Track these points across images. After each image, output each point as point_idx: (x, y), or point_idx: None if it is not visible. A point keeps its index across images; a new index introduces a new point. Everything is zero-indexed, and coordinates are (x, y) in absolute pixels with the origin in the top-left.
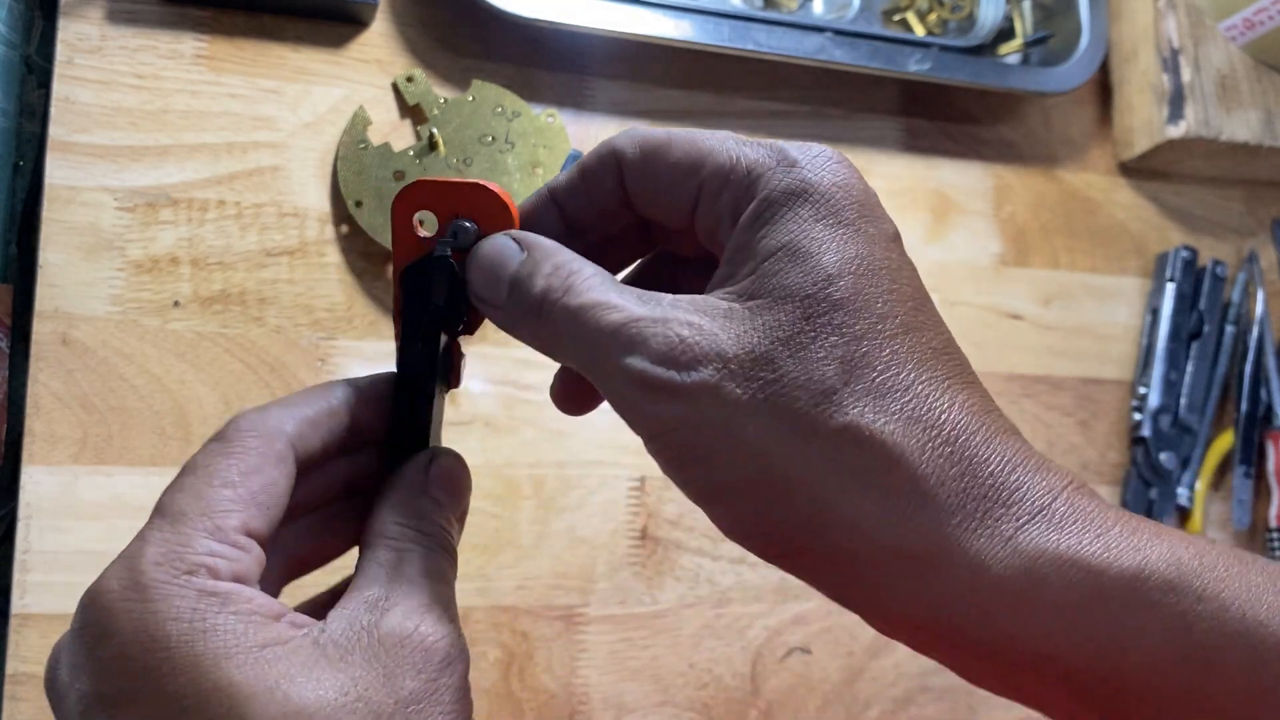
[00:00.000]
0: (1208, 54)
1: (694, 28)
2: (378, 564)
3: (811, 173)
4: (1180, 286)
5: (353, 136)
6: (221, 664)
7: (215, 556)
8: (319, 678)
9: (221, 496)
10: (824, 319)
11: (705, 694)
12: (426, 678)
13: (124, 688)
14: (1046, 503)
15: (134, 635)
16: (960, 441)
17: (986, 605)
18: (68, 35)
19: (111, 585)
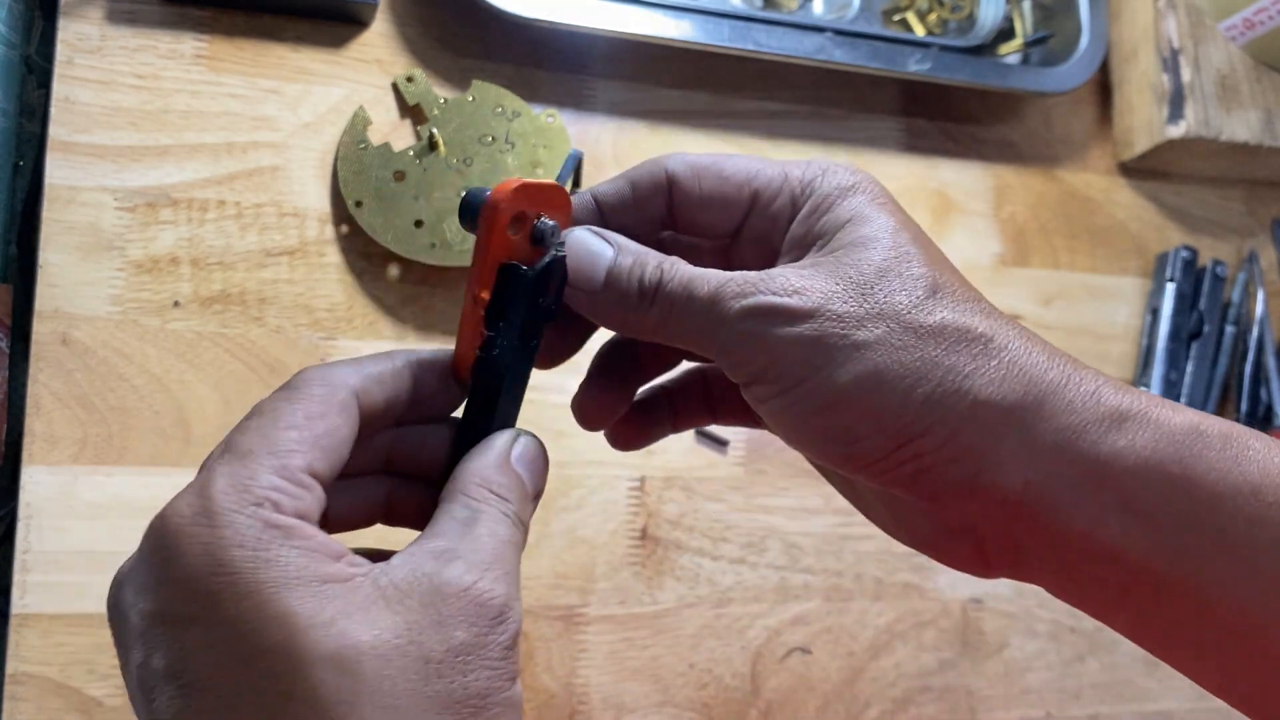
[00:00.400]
0: (1208, 54)
1: (694, 28)
2: (452, 518)
3: (851, 176)
4: (1180, 286)
5: (353, 136)
6: (282, 594)
7: (279, 492)
8: (374, 617)
9: (287, 437)
10: (904, 250)
11: (705, 694)
12: (477, 631)
13: (187, 609)
14: (1111, 381)
15: (201, 559)
16: (1030, 338)
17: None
18: (68, 35)
19: (182, 511)
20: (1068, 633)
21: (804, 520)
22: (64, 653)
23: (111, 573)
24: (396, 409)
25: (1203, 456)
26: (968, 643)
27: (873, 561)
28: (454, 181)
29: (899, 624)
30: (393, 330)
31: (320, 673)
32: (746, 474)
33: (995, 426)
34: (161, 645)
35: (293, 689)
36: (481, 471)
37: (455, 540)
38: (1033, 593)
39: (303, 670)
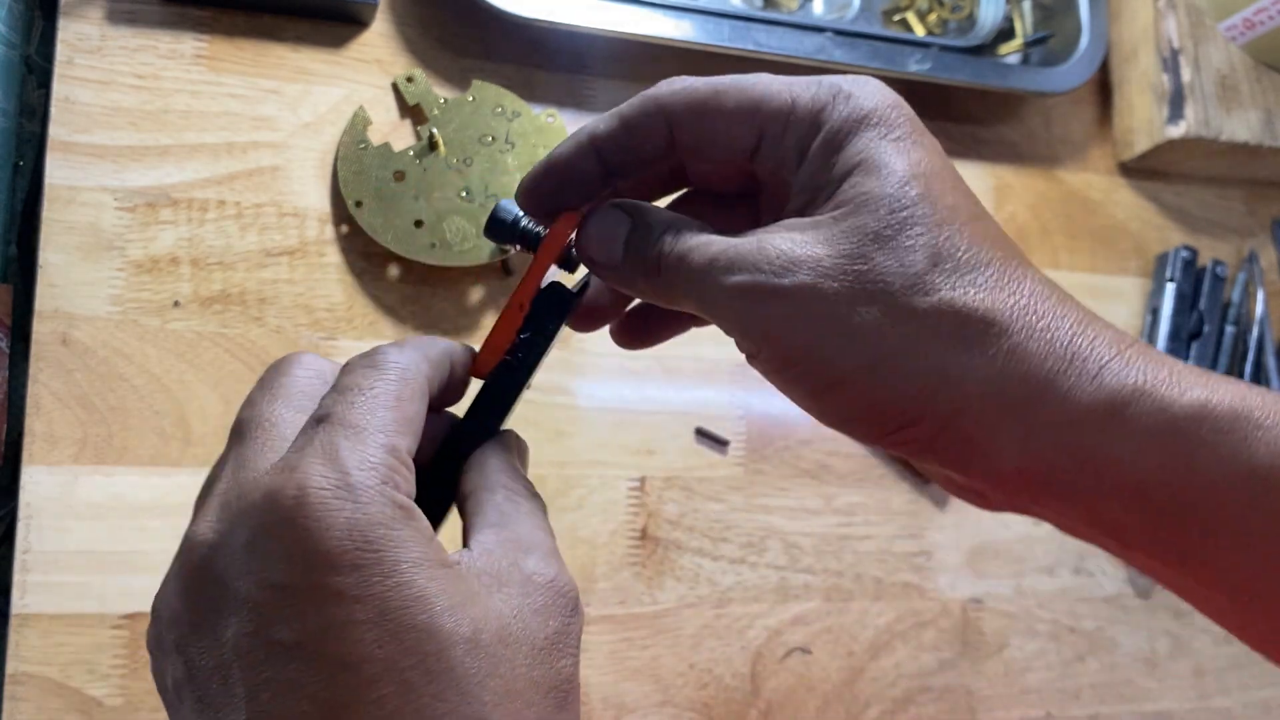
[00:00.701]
0: (1208, 54)
1: (694, 28)
2: (500, 510)
3: (868, 100)
4: (1180, 286)
5: (353, 136)
6: (419, 575)
7: (395, 472)
8: (489, 603)
9: (389, 418)
10: (905, 213)
11: (705, 694)
12: (563, 620)
13: (331, 583)
14: (1122, 348)
15: (346, 533)
16: (1039, 304)
17: (1076, 438)
18: (68, 35)
19: (319, 482)
20: (1067, 633)
21: (804, 520)
22: (64, 653)
23: (111, 573)
24: (434, 399)
25: (1207, 441)
26: (968, 643)
27: (873, 561)
28: (454, 181)
29: (899, 624)
30: (393, 330)
31: (459, 653)
32: (746, 474)
33: (989, 419)
34: (291, 617)
35: (435, 668)
36: (511, 467)
37: (518, 530)
38: (1033, 592)
39: (445, 650)
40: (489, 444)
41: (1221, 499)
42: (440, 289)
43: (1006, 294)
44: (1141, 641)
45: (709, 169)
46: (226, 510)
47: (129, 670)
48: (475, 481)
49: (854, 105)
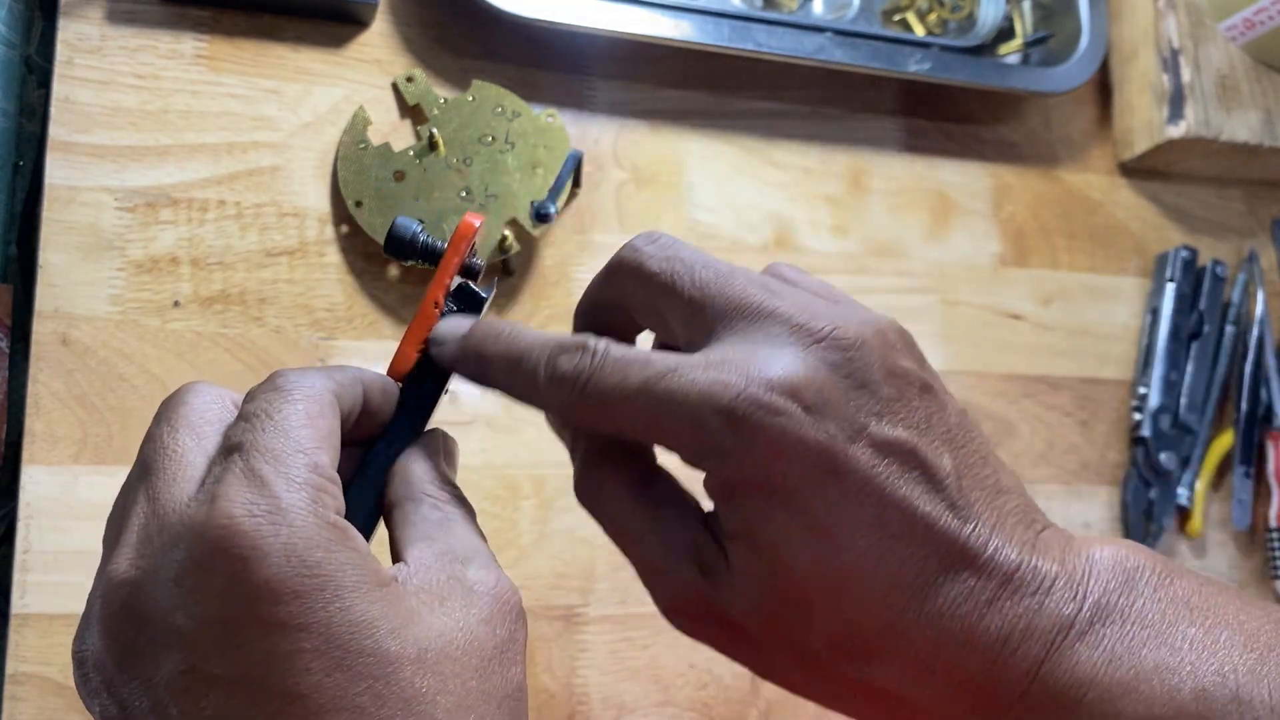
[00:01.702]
0: (1208, 54)
1: (694, 28)
2: (427, 520)
3: (741, 458)
4: (1180, 286)
5: (353, 136)
6: (360, 597)
7: (322, 492)
8: (433, 620)
9: (306, 435)
10: (797, 600)
11: (705, 694)
12: (510, 627)
13: (270, 613)
14: (1026, 686)
15: (284, 561)
16: (943, 657)
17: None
18: (68, 35)
19: (250, 510)
20: None
21: None
22: (64, 653)
23: None
24: (349, 422)
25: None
26: None
27: None
28: (454, 181)
29: None
30: (393, 330)
31: (407, 674)
32: None
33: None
34: (231, 651)
35: (385, 692)
36: (436, 474)
37: (451, 541)
38: None
39: (393, 673)
40: (411, 449)
41: None
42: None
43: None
44: None
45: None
46: (147, 545)
47: None
48: (400, 492)
49: (731, 468)
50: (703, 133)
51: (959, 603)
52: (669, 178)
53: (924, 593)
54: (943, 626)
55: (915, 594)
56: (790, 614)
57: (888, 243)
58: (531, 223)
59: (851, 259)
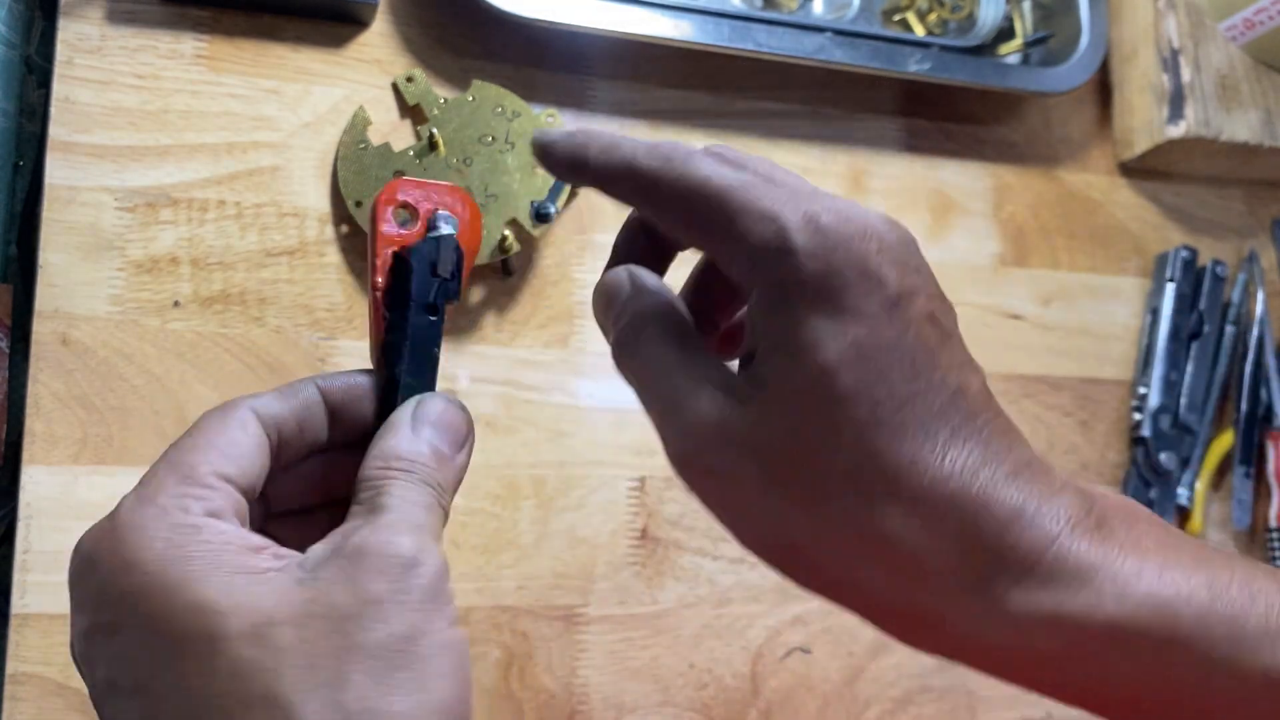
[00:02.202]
0: (1208, 54)
1: (694, 28)
2: (358, 504)
3: (806, 259)
4: (1180, 286)
5: (353, 136)
6: (192, 586)
7: (186, 496)
8: (286, 592)
9: (188, 456)
10: (826, 417)
11: (705, 694)
12: (389, 579)
13: (109, 617)
14: (1036, 558)
15: (111, 565)
16: (957, 513)
17: (981, 659)
18: (68, 35)
19: (91, 532)
20: None
21: None
22: (64, 653)
23: None
24: (315, 428)
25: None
26: None
27: None
28: (454, 181)
29: None
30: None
31: (238, 649)
32: None
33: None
34: (99, 658)
35: (216, 668)
36: (382, 454)
37: (363, 518)
38: None
39: (221, 650)
40: (377, 434)
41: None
42: None
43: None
44: None
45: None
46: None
47: None
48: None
49: (790, 267)
50: (703, 133)
51: (979, 466)
52: None
53: (949, 445)
54: (963, 482)
55: (942, 444)
56: (817, 435)
57: None
58: (531, 223)
59: None
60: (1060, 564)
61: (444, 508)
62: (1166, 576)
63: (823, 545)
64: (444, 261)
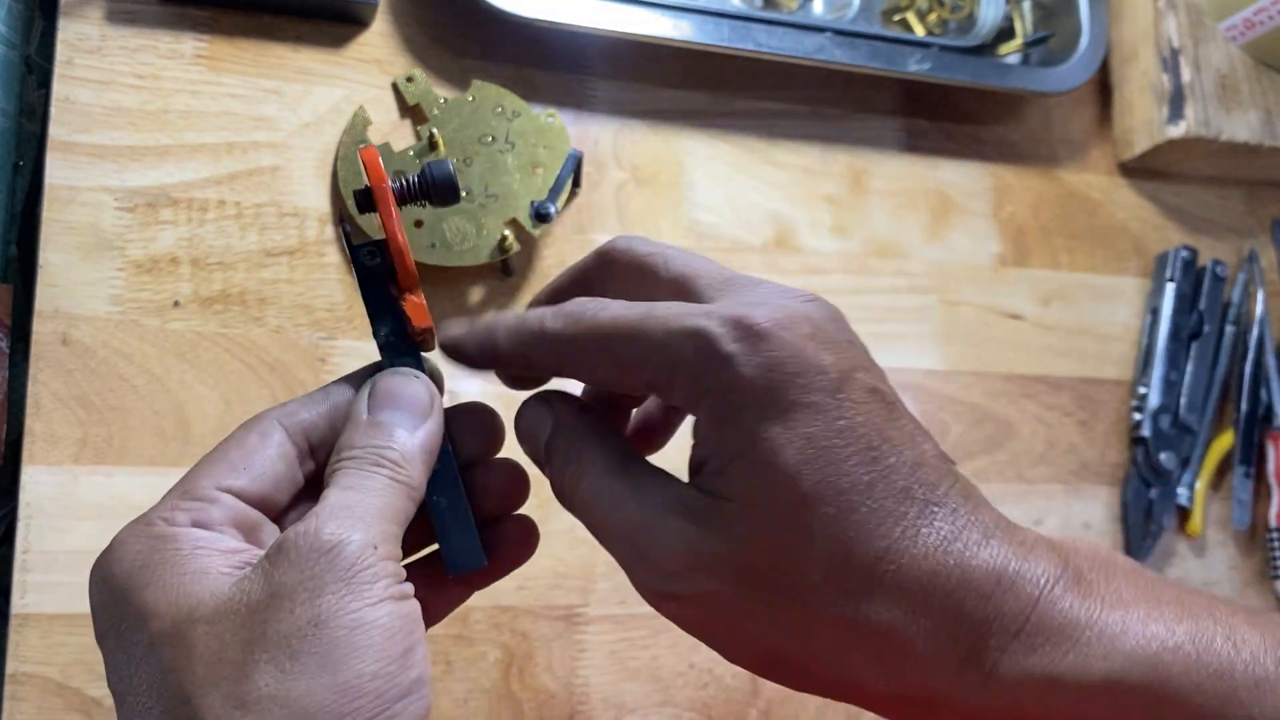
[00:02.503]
0: (1208, 54)
1: (694, 28)
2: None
3: (743, 364)
4: (1180, 286)
5: (353, 136)
6: (144, 591)
7: (176, 509)
8: (215, 589)
9: (196, 471)
10: (797, 521)
11: (705, 694)
12: (301, 569)
13: (98, 626)
14: (1021, 621)
15: (99, 579)
16: (938, 592)
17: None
18: (68, 35)
19: (99, 555)
20: None
21: None
22: (64, 653)
23: None
24: (337, 418)
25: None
26: None
27: None
28: None
29: None
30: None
31: (161, 650)
32: None
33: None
34: (105, 664)
35: (146, 670)
36: (336, 451)
37: (324, 502)
38: None
39: (150, 651)
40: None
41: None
42: (440, 289)
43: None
44: None
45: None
46: None
47: None
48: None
49: (731, 374)
50: (703, 133)
51: (952, 538)
52: (669, 178)
53: (919, 523)
54: (938, 559)
55: (911, 523)
56: (791, 541)
57: (888, 243)
58: (531, 223)
59: (851, 259)
60: (1045, 624)
61: (404, 482)
62: (1151, 630)
63: (812, 649)
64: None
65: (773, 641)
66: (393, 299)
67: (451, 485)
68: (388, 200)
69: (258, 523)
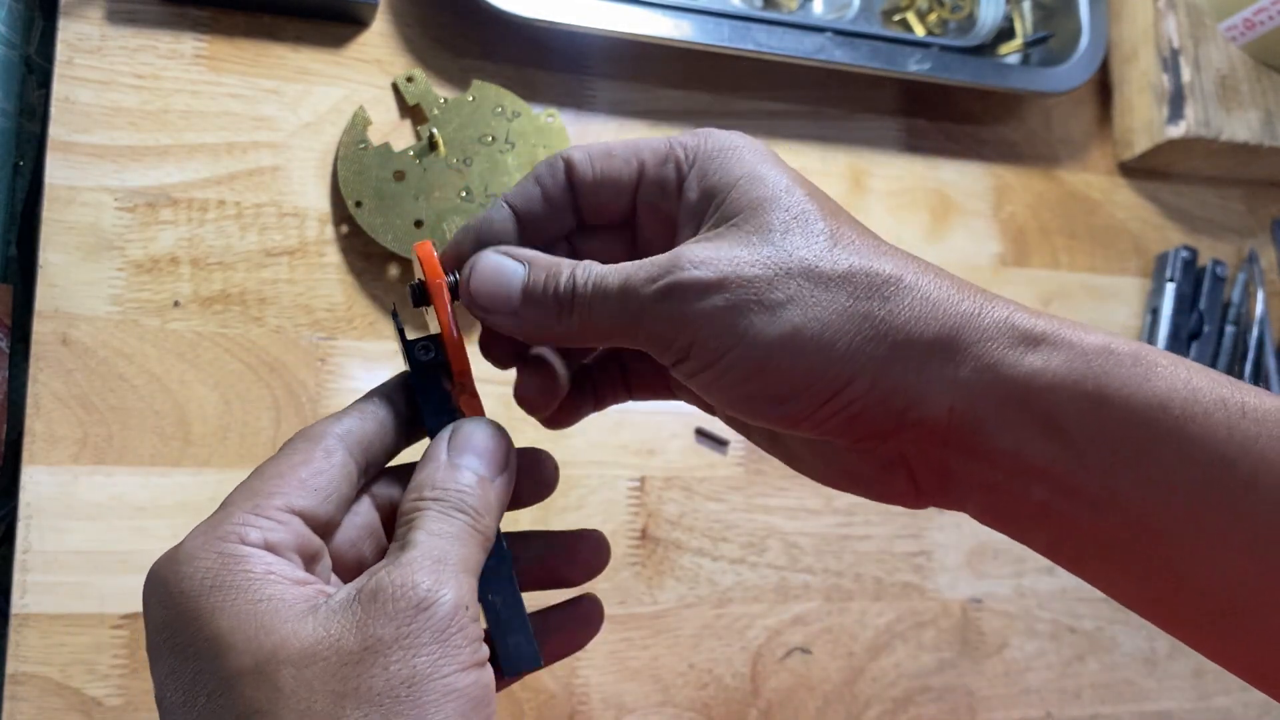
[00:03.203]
0: (1208, 54)
1: (694, 28)
2: (394, 541)
3: (737, 136)
4: (1180, 286)
5: (353, 136)
6: (218, 615)
7: (247, 526)
8: (298, 628)
9: (267, 484)
10: (799, 208)
11: (705, 694)
12: (398, 624)
13: (155, 639)
14: (1018, 305)
15: (163, 597)
16: (929, 269)
17: (996, 373)
18: (68, 35)
19: (159, 559)
20: (1067, 633)
21: (804, 520)
22: (64, 653)
23: (111, 573)
24: (388, 437)
25: (1114, 374)
26: (967, 643)
27: (873, 561)
28: (454, 181)
29: (899, 624)
30: (393, 330)
31: (242, 686)
32: (746, 474)
33: (917, 362)
34: (154, 672)
35: (223, 704)
36: (417, 486)
37: (391, 556)
38: (1033, 592)
39: (229, 685)
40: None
41: (1130, 432)
42: None
43: (906, 262)
44: (1141, 641)
45: (596, 206)
46: None
47: (129, 670)
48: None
49: (722, 138)
50: None
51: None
52: None
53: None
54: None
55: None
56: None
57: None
58: None
59: None
60: (1017, 328)
61: (480, 531)
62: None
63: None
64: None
65: (796, 311)
66: (445, 392)
67: (507, 582)
68: (443, 297)
69: (319, 551)
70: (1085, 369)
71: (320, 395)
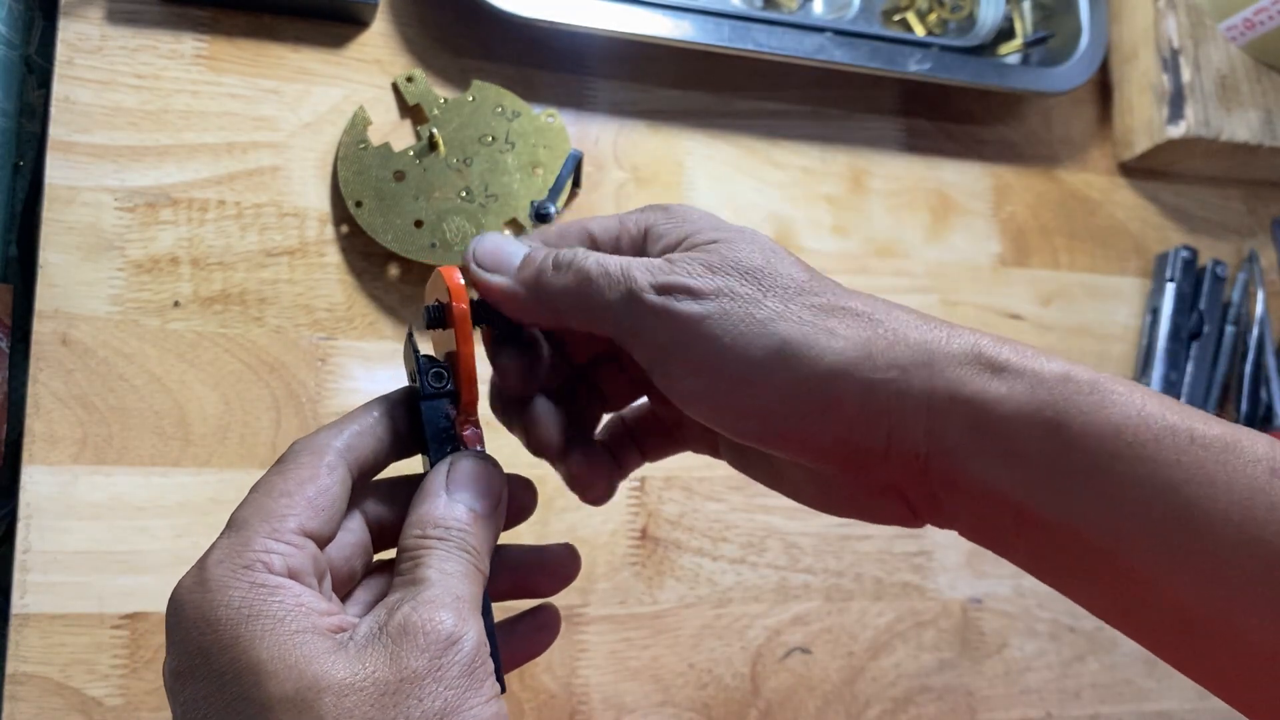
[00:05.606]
0: (1208, 54)
1: (694, 28)
2: (399, 576)
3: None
4: (1180, 286)
5: (353, 136)
6: (256, 644)
7: (270, 553)
8: (334, 662)
9: (279, 504)
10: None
11: (705, 694)
12: (430, 656)
13: (186, 664)
14: (980, 334)
15: (195, 620)
16: (890, 306)
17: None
18: (68, 35)
19: (184, 582)
20: (1067, 633)
21: (804, 520)
22: (64, 653)
23: (111, 573)
24: (383, 452)
25: (1072, 401)
26: (967, 643)
27: (873, 561)
28: (454, 181)
29: (899, 624)
30: (393, 330)
31: (281, 713)
32: None
33: (898, 387)
34: (177, 699)
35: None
36: (419, 521)
37: (404, 590)
38: (1033, 592)
39: (268, 711)
40: (413, 500)
41: (1085, 459)
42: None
43: (874, 302)
44: None
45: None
46: None
47: (129, 670)
48: (397, 548)
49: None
50: (703, 133)
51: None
52: (669, 178)
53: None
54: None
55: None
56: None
57: (888, 243)
58: (531, 223)
59: (852, 259)
60: (996, 340)
61: (481, 571)
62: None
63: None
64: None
65: (777, 327)
66: (450, 419)
67: (486, 614)
68: (467, 323)
69: (326, 570)
70: (1046, 397)
71: (320, 395)
